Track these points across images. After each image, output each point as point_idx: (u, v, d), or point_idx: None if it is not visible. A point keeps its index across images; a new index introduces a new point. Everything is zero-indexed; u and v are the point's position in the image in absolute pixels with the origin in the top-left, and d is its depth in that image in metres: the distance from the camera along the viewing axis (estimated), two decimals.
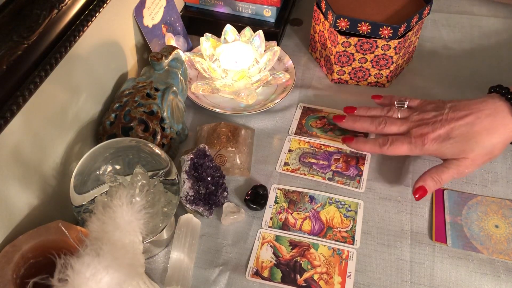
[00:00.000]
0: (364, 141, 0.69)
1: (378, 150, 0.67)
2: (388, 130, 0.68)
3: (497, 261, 0.61)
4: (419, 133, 0.65)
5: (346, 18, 0.75)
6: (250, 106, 0.78)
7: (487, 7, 0.98)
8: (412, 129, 0.66)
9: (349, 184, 0.69)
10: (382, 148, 0.66)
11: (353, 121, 0.71)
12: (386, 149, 0.66)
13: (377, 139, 0.68)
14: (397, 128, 0.67)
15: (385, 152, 0.67)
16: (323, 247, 0.63)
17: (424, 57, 0.88)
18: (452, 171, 0.64)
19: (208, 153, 0.67)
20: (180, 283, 0.58)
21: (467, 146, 0.63)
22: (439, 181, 0.64)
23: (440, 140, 0.64)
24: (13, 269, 0.49)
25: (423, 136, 0.64)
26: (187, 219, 0.64)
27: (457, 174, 0.64)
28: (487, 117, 0.63)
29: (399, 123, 0.67)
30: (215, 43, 0.80)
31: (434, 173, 0.64)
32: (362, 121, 0.70)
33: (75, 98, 0.64)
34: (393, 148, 0.66)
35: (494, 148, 0.63)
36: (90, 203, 0.55)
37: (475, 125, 0.63)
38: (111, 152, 0.58)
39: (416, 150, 0.65)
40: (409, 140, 0.65)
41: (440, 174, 0.64)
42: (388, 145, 0.66)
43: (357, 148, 0.70)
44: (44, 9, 0.54)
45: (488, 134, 0.63)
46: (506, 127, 0.63)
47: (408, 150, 0.65)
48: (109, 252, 0.43)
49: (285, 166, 0.72)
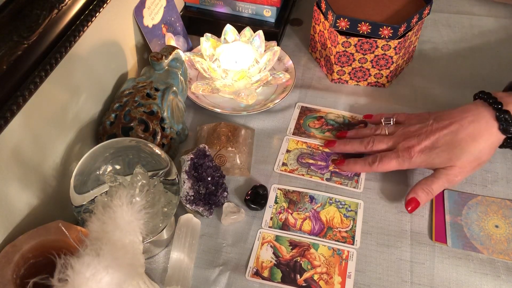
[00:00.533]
0: (354, 162, 0.70)
1: (369, 168, 0.68)
2: (377, 147, 0.69)
3: (497, 261, 0.61)
4: (405, 147, 0.66)
5: (346, 18, 0.75)
6: (250, 106, 0.78)
7: (487, 7, 0.98)
8: (399, 143, 0.67)
9: (347, 184, 0.69)
10: (372, 166, 0.67)
11: (344, 144, 0.72)
12: (376, 166, 0.67)
13: (367, 158, 0.68)
14: (385, 144, 0.68)
15: (376, 170, 0.68)
16: (323, 247, 0.63)
17: (424, 57, 0.88)
18: (441, 180, 0.64)
19: (208, 153, 0.67)
20: (180, 283, 0.58)
21: (453, 154, 0.63)
22: (430, 192, 0.64)
23: (427, 151, 0.64)
24: (13, 269, 0.49)
25: (410, 149, 0.65)
26: (187, 219, 0.64)
27: (447, 183, 0.64)
28: (470, 124, 0.64)
29: (386, 140, 0.68)
30: (215, 43, 0.80)
31: (424, 184, 0.65)
32: (352, 143, 0.71)
33: (75, 98, 0.64)
34: (382, 165, 0.67)
35: (481, 154, 0.64)
36: (90, 203, 0.55)
37: (459, 132, 0.63)
38: (111, 152, 0.58)
39: (405, 164, 0.66)
40: (397, 154, 0.66)
41: (430, 184, 0.64)
42: (378, 163, 0.67)
43: (348, 170, 0.70)
44: (44, 9, 0.54)
45: (473, 141, 0.63)
46: (490, 131, 0.63)
47: (397, 164, 0.66)
48: (109, 252, 0.43)
49: (283, 166, 0.72)
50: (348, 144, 0.71)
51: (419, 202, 0.64)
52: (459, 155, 0.63)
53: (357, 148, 0.70)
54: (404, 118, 0.71)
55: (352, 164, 0.70)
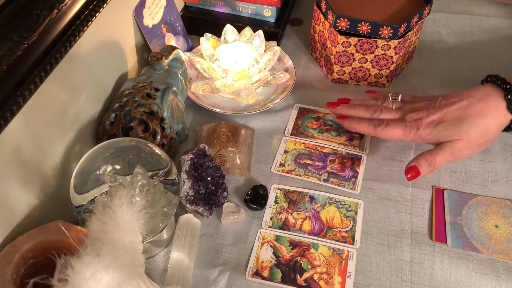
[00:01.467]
0: (359, 120, 0.68)
1: (372, 131, 0.67)
2: (383, 116, 0.68)
3: (497, 261, 0.61)
4: (414, 118, 0.65)
5: (346, 18, 0.75)
6: (250, 106, 0.78)
7: (487, 7, 0.98)
8: (406, 115, 0.66)
9: (344, 186, 0.69)
10: (377, 129, 0.66)
11: (348, 107, 0.70)
12: (381, 130, 0.66)
13: (373, 120, 0.67)
14: (391, 115, 0.68)
15: (379, 134, 0.67)
16: (323, 247, 0.63)
17: (424, 57, 0.88)
18: (446, 152, 0.64)
19: (208, 153, 0.67)
20: (180, 283, 0.58)
21: (460, 128, 0.63)
22: (433, 163, 0.63)
23: (434, 124, 0.64)
24: (13, 269, 0.49)
25: (418, 120, 0.65)
26: (187, 219, 0.64)
27: (452, 156, 0.64)
28: (480, 101, 0.64)
29: (394, 112, 0.68)
30: (215, 43, 0.80)
31: (428, 155, 0.64)
32: (357, 107, 0.70)
33: (75, 98, 0.64)
34: (388, 130, 0.66)
35: (488, 130, 0.64)
36: (90, 203, 0.55)
37: (468, 108, 0.64)
38: (111, 152, 0.58)
39: (410, 135, 0.65)
40: (404, 124, 0.65)
41: (434, 155, 0.64)
42: (383, 127, 0.66)
43: (350, 126, 0.69)
44: (44, 9, 0.54)
45: (482, 117, 0.63)
46: (499, 110, 0.64)
47: (403, 133, 0.65)
48: (109, 252, 0.43)
49: (280, 167, 0.72)
50: (352, 108, 0.70)
51: (420, 172, 0.63)
52: (467, 129, 0.63)
53: (362, 114, 0.69)
54: (410, 98, 0.70)
55: (356, 122, 0.68)
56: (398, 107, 0.69)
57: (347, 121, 0.69)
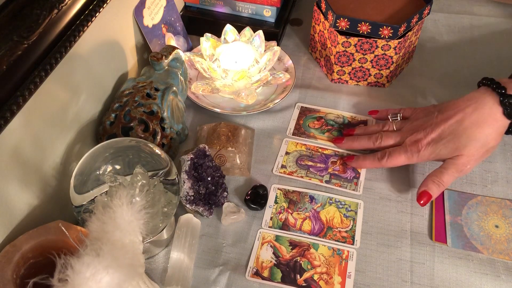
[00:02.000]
0: (364, 157, 0.70)
1: (378, 164, 0.68)
2: (385, 143, 0.69)
3: (497, 261, 0.61)
4: (413, 141, 0.66)
5: (346, 18, 0.75)
6: (250, 106, 0.78)
7: (487, 7, 0.98)
8: (406, 138, 0.67)
9: (347, 187, 0.69)
10: (381, 162, 0.68)
11: (352, 141, 0.72)
12: (385, 161, 0.67)
13: (376, 154, 0.69)
14: (393, 140, 0.69)
15: (385, 165, 0.68)
16: (323, 247, 0.63)
17: (424, 57, 0.88)
18: (451, 171, 0.64)
19: (208, 153, 0.67)
20: (180, 283, 0.58)
21: (459, 143, 0.63)
22: (441, 183, 0.64)
23: (433, 143, 0.65)
24: (13, 269, 0.49)
25: (417, 142, 0.66)
26: (187, 219, 0.64)
27: (457, 172, 0.64)
28: (474, 111, 0.64)
29: (394, 135, 0.69)
30: (215, 43, 0.80)
31: (434, 176, 0.64)
32: (360, 140, 0.72)
33: (75, 98, 0.64)
34: (391, 160, 0.67)
35: (488, 140, 0.63)
36: (90, 203, 0.55)
37: (463, 121, 0.64)
38: (111, 152, 0.58)
39: (413, 158, 0.66)
40: (405, 149, 0.66)
41: (440, 176, 0.64)
42: (387, 158, 0.67)
43: (357, 165, 0.71)
44: (44, 9, 0.54)
45: (478, 127, 0.63)
46: (495, 117, 0.63)
47: (406, 159, 0.66)
48: (109, 252, 0.43)
49: (282, 168, 0.71)
50: (356, 141, 0.72)
51: (431, 195, 0.64)
52: (465, 143, 0.63)
53: (365, 145, 0.71)
54: (410, 113, 0.71)
55: (361, 160, 0.70)
56: (398, 127, 0.70)
57: (353, 162, 0.71)
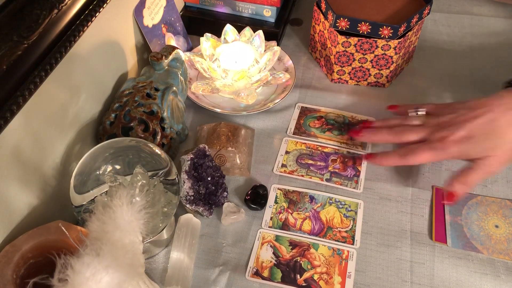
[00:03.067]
0: (386, 155, 0.66)
1: (402, 161, 0.64)
2: (407, 138, 0.65)
3: (497, 261, 0.61)
4: (438, 137, 0.62)
5: (346, 18, 0.75)
6: (250, 106, 0.78)
7: (487, 7, 0.98)
8: (431, 134, 0.63)
9: (347, 185, 0.69)
10: (405, 159, 0.64)
11: (372, 133, 0.69)
12: (410, 158, 0.63)
13: (398, 150, 0.65)
14: (416, 135, 0.65)
15: (408, 163, 0.64)
16: (323, 247, 0.63)
17: (424, 57, 0.88)
18: (479, 172, 0.61)
19: (208, 153, 0.67)
20: (180, 283, 0.58)
21: (490, 144, 0.60)
22: (467, 184, 0.61)
23: (462, 141, 0.61)
24: (13, 269, 0.49)
25: (443, 139, 0.62)
26: (187, 219, 0.64)
27: (486, 174, 0.62)
28: (507, 111, 0.60)
29: (417, 130, 0.65)
30: (215, 43, 0.80)
31: (461, 176, 0.62)
32: (381, 133, 0.68)
33: (75, 98, 0.64)
34: (415, 157, 0.63)
35: None
36: (90, 203, 0.55)
37: (496, 120, 0.60)
38: (111, 152, 0.58)
39: (440, 155, 0.62)
40: (430, 146, 0.62)
41: (465, 176, 0.61)
42: (411, 155, 0.63)
43: (380, 163, 0.67)
44: (44, 9, 0.54)
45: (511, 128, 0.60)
46: None
47: (431, 156, 0.62)
48: (109, 252, 0.43)
49: (282, 167, 0.72)
50: (376, 134, 0.68)
51: (458, 196, 0.61)
52: (497, 144, 0.60)
53: (386, 138, 0.67)
54: (432, 109, 0.67)
55: (384, 158, 0.66)
56: (421, 122, 0.66)
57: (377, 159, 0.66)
